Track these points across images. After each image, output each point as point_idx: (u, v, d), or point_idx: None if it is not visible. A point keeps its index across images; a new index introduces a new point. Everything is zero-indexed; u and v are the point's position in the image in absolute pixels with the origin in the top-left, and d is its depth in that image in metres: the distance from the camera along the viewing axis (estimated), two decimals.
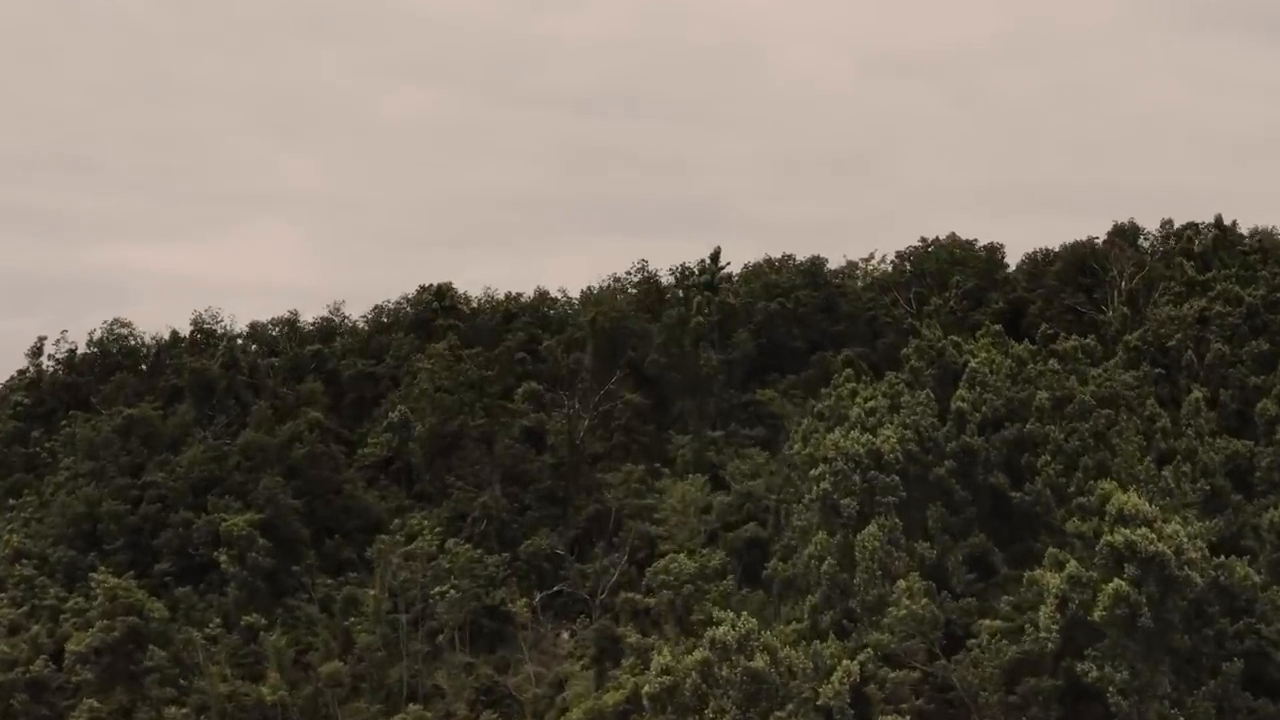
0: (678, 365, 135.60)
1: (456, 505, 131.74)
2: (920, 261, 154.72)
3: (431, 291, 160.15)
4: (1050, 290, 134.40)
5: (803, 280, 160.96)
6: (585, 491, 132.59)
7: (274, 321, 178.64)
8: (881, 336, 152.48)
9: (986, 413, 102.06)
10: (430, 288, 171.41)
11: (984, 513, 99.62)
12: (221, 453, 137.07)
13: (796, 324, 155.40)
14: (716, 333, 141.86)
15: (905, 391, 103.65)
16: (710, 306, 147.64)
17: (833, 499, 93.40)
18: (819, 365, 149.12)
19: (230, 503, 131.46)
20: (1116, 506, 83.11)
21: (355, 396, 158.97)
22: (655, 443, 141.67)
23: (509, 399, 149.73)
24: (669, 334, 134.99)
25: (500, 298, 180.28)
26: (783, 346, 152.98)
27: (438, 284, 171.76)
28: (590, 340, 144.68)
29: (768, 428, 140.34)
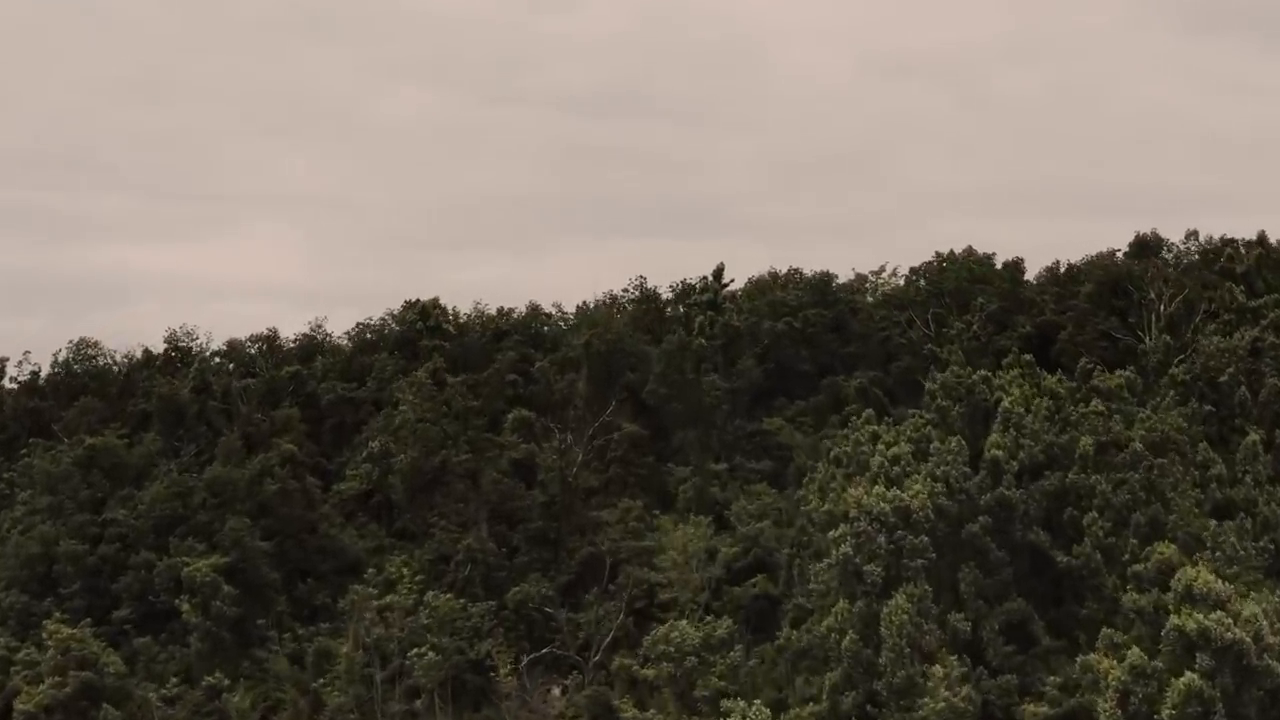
0: (679, 394, 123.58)
1: (439, 546, 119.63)
2: (936, 278, 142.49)
3: (416, 310, 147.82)
4: (1081, 314, 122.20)
5: (811, 297, 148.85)
6: (578, 532, 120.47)
7: (253, 339, 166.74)
8: (896, 359, 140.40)
9: (1024, 460, 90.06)
10: (415, 304, 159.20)
11: (1022, 573, 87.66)
12: (186, 488, 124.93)
13: (805, 345, 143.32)
14: (720, 356, 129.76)
15: (932, 435, 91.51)
16: (713, 328, 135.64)
17: (855, 564, 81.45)
18: (830, 390, 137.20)
19: (194, 544, 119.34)
20: (1184, 583, 71.20)
21: (335, 422, 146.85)
22: (654, 475, 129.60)
23: (498, 428, 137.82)
24: (669, 361, 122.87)
25: (492, 313, 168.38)
26: (790, 370, 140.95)
27: (424, 300, 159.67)
28: (585, 364, 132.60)
29: (775, 459, 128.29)
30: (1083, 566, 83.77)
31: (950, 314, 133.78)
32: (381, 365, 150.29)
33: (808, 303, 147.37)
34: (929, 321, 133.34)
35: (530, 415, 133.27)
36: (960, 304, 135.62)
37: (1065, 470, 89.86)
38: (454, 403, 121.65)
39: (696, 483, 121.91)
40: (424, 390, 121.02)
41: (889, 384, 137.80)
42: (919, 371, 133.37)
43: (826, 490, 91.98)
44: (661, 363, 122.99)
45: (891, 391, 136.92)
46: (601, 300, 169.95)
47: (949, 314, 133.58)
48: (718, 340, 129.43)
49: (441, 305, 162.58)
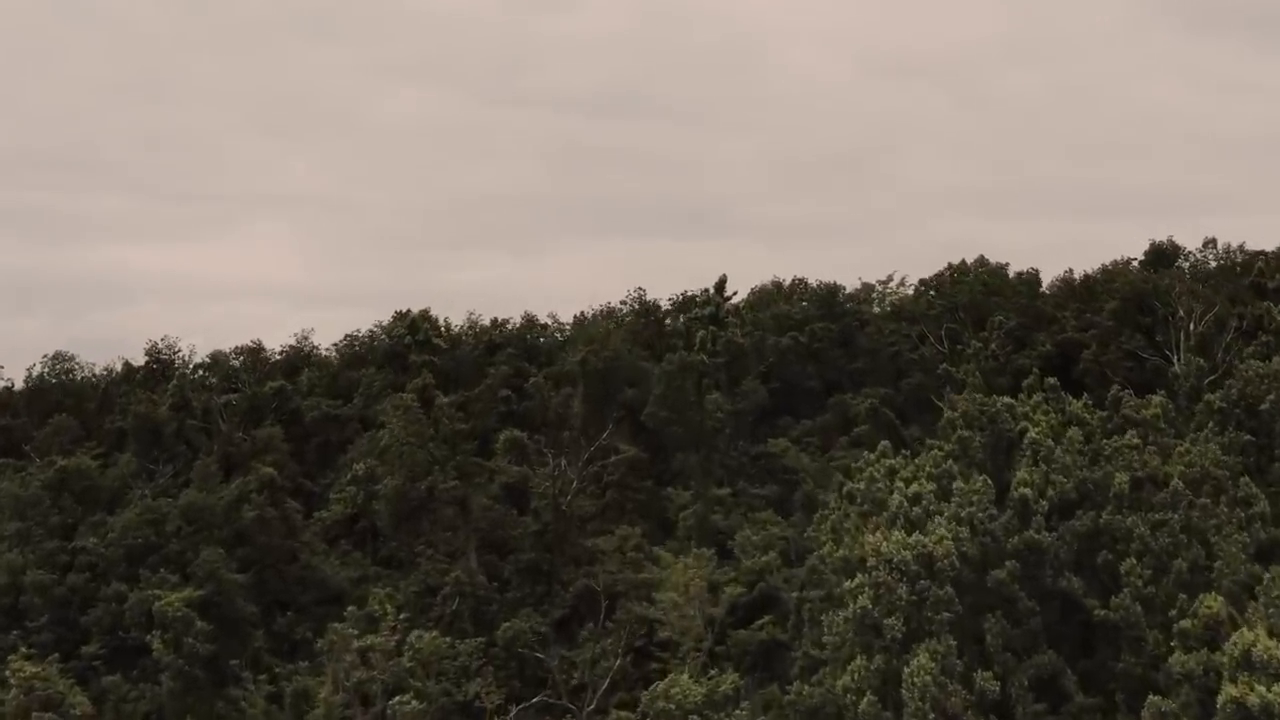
0: (679, 416, 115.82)
1: (425, 577, 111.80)
2: (950, 291, 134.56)
3: (405, 323, 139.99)
4: (1104, 332, 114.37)
5: (817, 309, 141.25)
6: (573, 563, 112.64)
7: (237, 351, 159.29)
8: (906, 376, 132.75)
9: (1053, 498, 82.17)
10: (405, 316, 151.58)
11: (1051, 621, 79.73)
12: (160, 515, 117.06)
13: (811, 360, 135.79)
14: (723, 375, 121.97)
15: (954, 470, 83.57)
16: (715, 344, 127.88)
17: (873, 617, 73.64)
18: (838, 410, 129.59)
19: (167, 576, 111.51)
20: (1241, 648, 63.34)
21: (320, 441, 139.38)
22: (653, 500, 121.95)
23: (489, 447, 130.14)
24: (669, 382, 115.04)
25: (485, 323, 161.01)
26: (796, 387, 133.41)
27: (414, 312, 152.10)
28: (581, 383, 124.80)
29: (780, 483, 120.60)
30: (1121, 620, 75.91)
31: (965, 329, 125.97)
32: (369, 381, 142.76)
33: (814, 315, 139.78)
34: (942, 338, 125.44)
35: (522, 436, 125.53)
36: (975, 319, 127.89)
37: (1098, 509, 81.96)
38: (442, 425, 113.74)
39: (698, 510, 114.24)
40: (410, 412, 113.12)
41: (899, 402, 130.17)
42: (931, 389, 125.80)
43: (841, 531, 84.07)
44: (661, 384, 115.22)
45: (902, 410, 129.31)
46: (598, 312, 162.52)
47: (963, 329, 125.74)
48: (720, 358, 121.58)
49: (432, 317, 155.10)
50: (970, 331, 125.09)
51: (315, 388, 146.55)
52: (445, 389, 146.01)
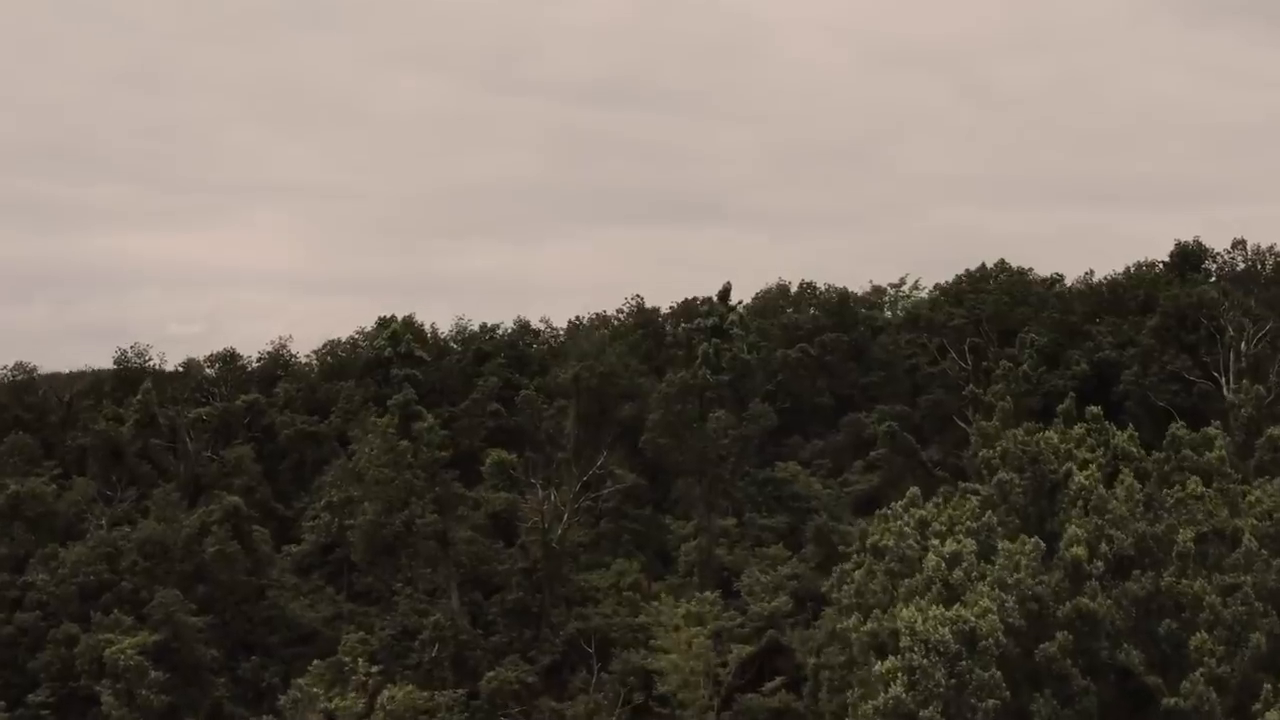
0: (680, 442, 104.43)
1: (403, 619, 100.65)
2: (969, 298, 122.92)
3: (387, 333, 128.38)
4: (1146, 351, 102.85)
5: (827, 318, 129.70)
6: (564, 603, 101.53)
7: (211, 359, 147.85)
8: (925, 391, 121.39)
9: (1107, 554, 70.88)
10: (388, 322, 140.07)
11: (1107, 700, 68.49)
12: (115, 549, 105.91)
13: (821, 374, 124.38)
14: (728, 393, 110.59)
15: (995, 525, 72.15)
16: (719, 358, 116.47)
17: (907, 707, 62.51)
18: (851, 430, 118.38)
19: (121, 617, 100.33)
20: None
21: (295, 459, 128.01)
22: (652, 530, 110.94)
23: (475, 468, 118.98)
24: (668, 407, 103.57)
25: (475, 328, 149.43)
26: (806, 404, 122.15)
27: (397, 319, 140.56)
28: (574, 402, 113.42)
29: (790, 512, 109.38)
30: (1194, 709, 64.64)
31: (989, 343, 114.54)
32: (348, 395, 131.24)
33: (824, 325, 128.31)
34: (965, 354, 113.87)
35: (511, 459, 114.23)
36: (1000, 330, 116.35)
37: (1158, 569, 70.67)
38: (421, 452, 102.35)
39: (701, 544, 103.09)
40: (385, 438, 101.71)
41: (917, 420, 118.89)
42: (953, 408, 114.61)
43: (866, 593, 72.62)
44: (660, 408, 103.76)
45: (920, 429, 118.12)
46: (594, 318, 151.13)
47: (988, 344, 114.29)
48: (725, 375, 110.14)
49: (416, 323, 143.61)
50: (995, 345, 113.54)
51: (292, 400, 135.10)
52: (430, 403, 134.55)
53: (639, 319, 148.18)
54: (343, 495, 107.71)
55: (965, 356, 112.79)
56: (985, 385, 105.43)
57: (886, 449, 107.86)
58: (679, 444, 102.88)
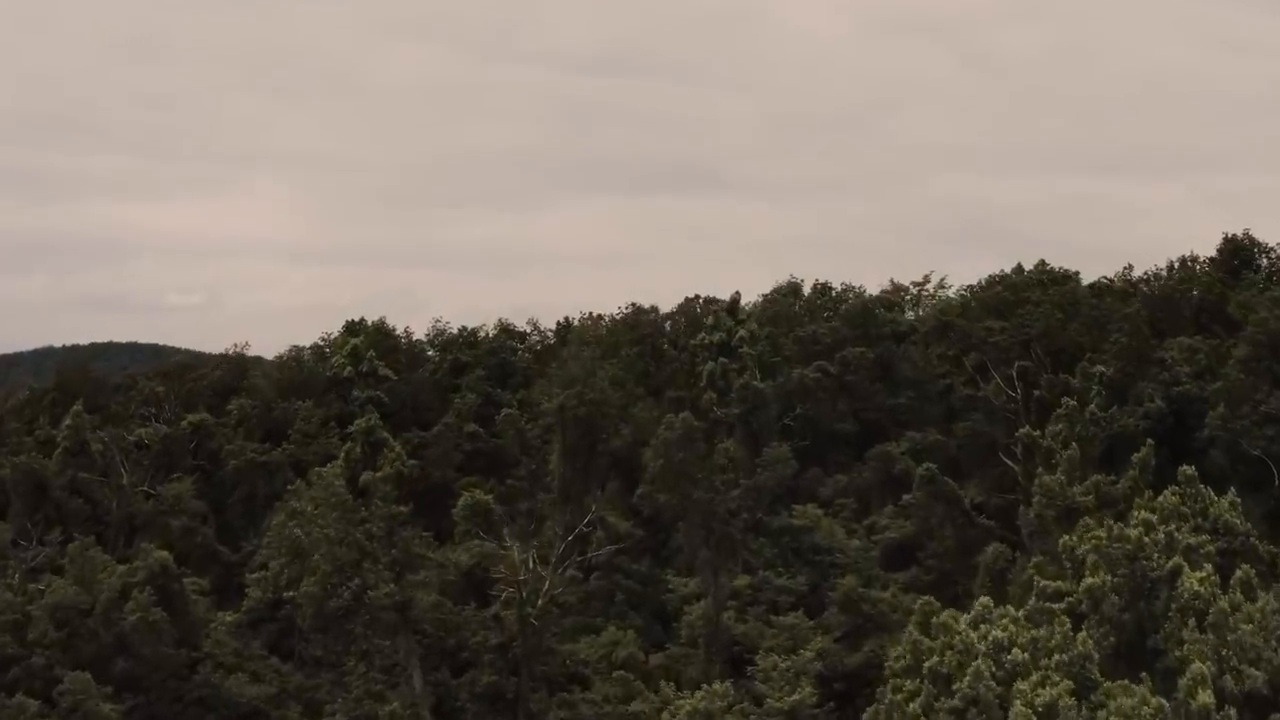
0: (684, 497, 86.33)
1: (356, 705, 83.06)
2: (1018, 315, 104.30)
3: (347, 351, 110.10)
4: (1233, 386, 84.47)
5: (849, 329, 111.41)
6: (546, 685, 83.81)
7: (158, 374, 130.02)
8: (962, 416, 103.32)
9: (1235, 692, 53.25)
10: (356, 328, 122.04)
11: None
12: (25, 615, 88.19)
13: (843, 394, 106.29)
14: (739, 426, 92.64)
15: (1094, 658, 54.54)
16: (727, 383, 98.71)
17: None
18: (879, 464, 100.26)
19: (27, 701, 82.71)
20: None
21: (246, 491, 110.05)
22: (650, 588, 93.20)
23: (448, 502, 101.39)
24: (669, 455, 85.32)
25: (454, 331, 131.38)
26: (826, 430, 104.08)
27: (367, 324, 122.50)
28: (559, 435, 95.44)
29: (811, 567, 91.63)
30: None
31: (1040, 368, 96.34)
32: (307, 416, 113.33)
33: (844, 336, 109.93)
34: (1014, 380, 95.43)
35: (487, 500, 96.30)
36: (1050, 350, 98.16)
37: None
38: (377, 508, 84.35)
39: (707, 609, 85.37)
40: (333, 492, 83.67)
41: (953, 451, 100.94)
42: (994, 438, 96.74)
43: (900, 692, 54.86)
44: (661, 456, 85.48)
45: (957, 462, 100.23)
46: (585, 320, 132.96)
47: (1040, 370, 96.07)
48: (734, 407, 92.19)
49: (388, 328, 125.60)
50: (1047, 369, 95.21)
51: (247, 419, 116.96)
52: (399, 423, 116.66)
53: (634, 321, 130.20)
54: (286, 553, 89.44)
55: (1013, 383, 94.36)
56: (1037, 418, 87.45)
57: (923, 493, 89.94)
58: (682, 499, 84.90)
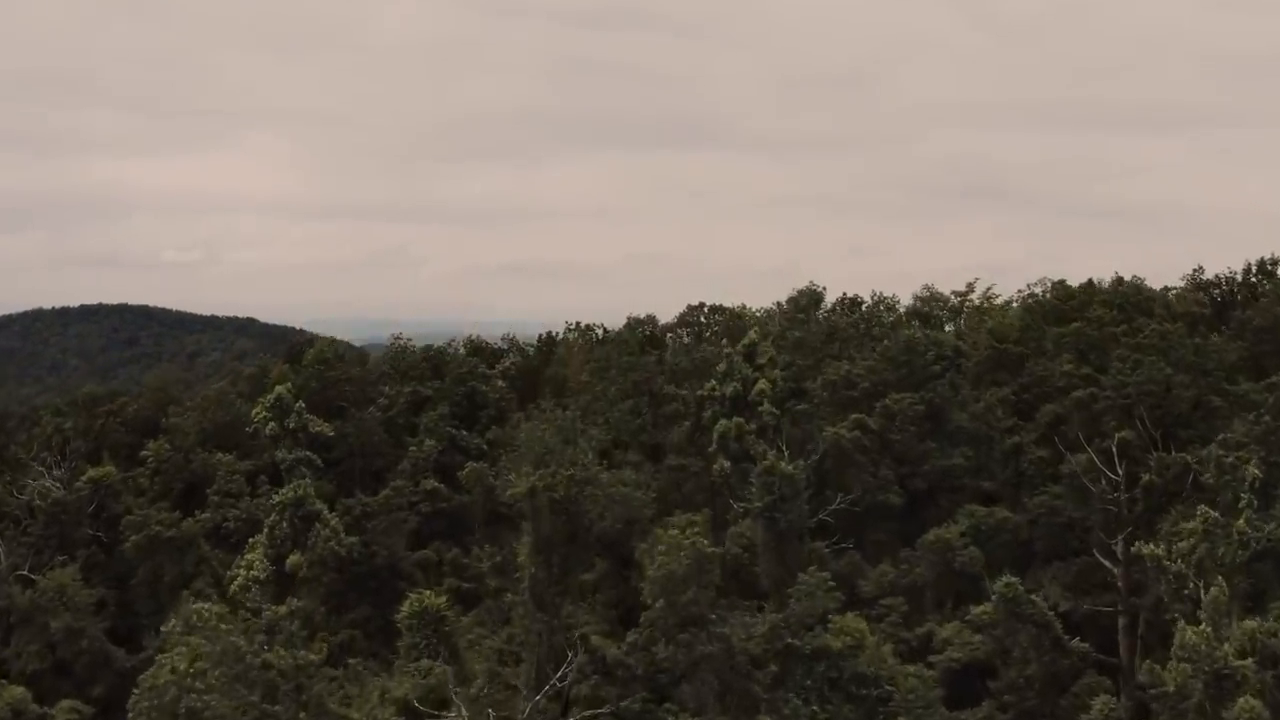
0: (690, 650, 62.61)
1: None
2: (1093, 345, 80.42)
3: (269, 405, 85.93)
4: None
5: (889, 368, 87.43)
6: None
7: (72, 404, 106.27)
8: (1036, 485, 79.78)
9: None
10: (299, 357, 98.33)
11: None
12: None
13: (885, 454, 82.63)
14: (762, 527, 68.96)
15: None
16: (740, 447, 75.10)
17: None
18: (936, 555, 76.50)
19: None
20: None
21: (150, 572, 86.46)
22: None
23: (396, 585, 78.49)
24: (670, 593, 61.56)
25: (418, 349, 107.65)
26: (864, 502, 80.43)
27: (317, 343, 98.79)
28: (530, 526, 71.72)
29: (854, 703, 68.19)
30: None
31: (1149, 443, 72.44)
32: (229, 471, 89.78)
33: (886, 379, 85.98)
34: (1114, 457, 71.39)
35: (440, 602, 72.71)
36: (1154, 409, 74.21)
37: None
38: (280, 659, 60.73)
39: None
40: (221, 642, 59.94)
41: (1027, 533, 77.47)
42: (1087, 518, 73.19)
43: None
44: (661, 592, 61.67)
45: (1030, 547, 76.96)
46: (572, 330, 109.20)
47: (1148, 444, 72.19)
48: (755, 498, 68.56)
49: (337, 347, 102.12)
50: (1157, 446, 71.34)
51: (164, 468, 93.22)
52: (344, 480, 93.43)
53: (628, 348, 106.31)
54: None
55: (1112, 459, 70.40)
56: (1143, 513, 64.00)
57: (1000, 610, 66.47)
58: (689, 652, 61.32)
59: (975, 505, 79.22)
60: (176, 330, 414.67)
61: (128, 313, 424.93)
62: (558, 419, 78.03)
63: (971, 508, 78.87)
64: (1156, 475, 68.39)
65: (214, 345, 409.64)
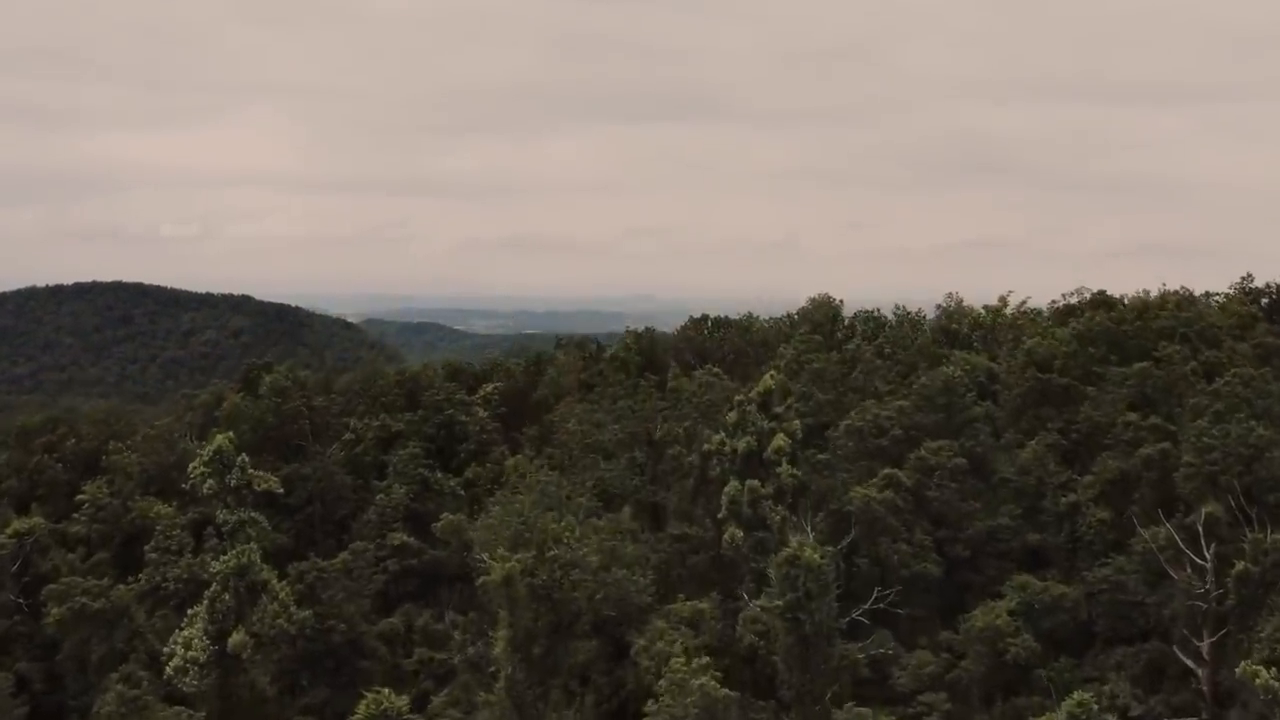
0: None
1: None
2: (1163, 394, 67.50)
3: (207, 459, 72.66)
4: None
5: (924, 409, 74.61)
6: None
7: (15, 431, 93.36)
8: (1091, 549, 67.26)
9: None
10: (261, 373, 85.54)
11: None
12: None
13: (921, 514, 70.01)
14: (787, 634, 56.31)
15: None
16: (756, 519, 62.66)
17: None
18: (983, 644, 63.91)
19: None
20: None
21: (76, 646, 73.82)
22: None
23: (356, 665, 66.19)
24: None
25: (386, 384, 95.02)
26: (895, 573, 67.94)
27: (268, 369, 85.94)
28: (505, 620, 59.40)
29: None
30: None
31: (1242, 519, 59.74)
32: (169, 526, 77.24)
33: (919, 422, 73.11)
34: (1203, 547, 58.67)
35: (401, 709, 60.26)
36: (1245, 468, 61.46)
37: None
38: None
39: None
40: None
41: (1083, 614, 65.07)
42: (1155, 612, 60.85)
43: None
44: None
45: (1090, 629, 64.58)
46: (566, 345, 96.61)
47: (1241, 520, 59.48)
48: (777, 593, 55.97)
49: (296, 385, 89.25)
50: (1252, 524, 58.73)
51: (100, 514, 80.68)
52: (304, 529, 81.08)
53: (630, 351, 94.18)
54: None
55: (1199, 540, 57.79)
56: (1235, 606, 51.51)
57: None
58: None
59: (1025, 576, 66.72)
60: (171, 308, 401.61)
61: (122, 290, 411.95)
62: (539, 483, 65.52)
63: (1021, 579, 66.38)
64: (1252, 562, 55.83)
65: (209, 323, 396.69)
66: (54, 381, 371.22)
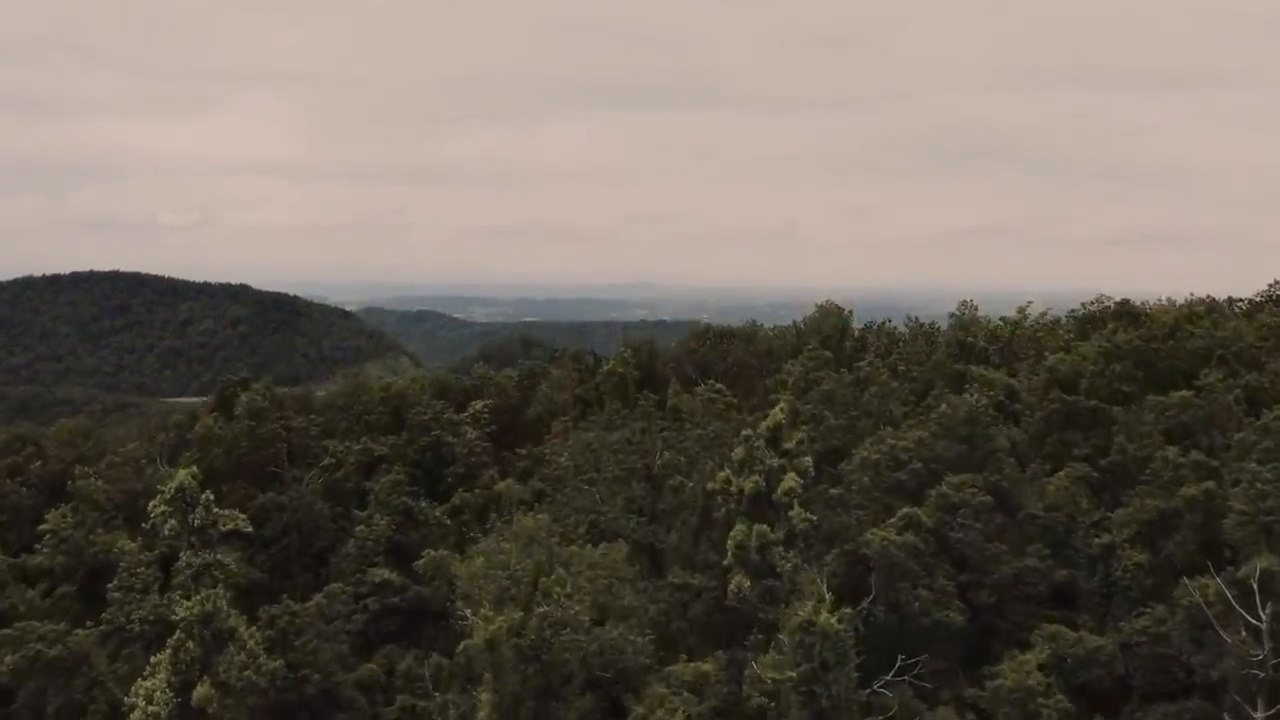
0: None
1: None
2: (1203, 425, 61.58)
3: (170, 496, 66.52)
4: None
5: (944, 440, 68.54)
6: None
7: None
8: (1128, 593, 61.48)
9: None
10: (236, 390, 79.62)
11: None
12: None
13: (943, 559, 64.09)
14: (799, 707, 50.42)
15: None
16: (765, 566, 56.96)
17: None
18: (1013, 700, 58.14)
19: None
20: None
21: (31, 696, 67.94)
22: None
23: None
24: None
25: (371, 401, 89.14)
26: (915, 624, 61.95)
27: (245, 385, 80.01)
28: (489, 686, 53.54)
29: None
30: None
31: None
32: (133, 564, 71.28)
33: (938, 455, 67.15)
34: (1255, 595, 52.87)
35: None
36: None
37: None
38: None
39: None
40: None
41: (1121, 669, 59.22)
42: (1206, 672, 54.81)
43: None
44: None
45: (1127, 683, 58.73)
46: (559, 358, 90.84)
47: None
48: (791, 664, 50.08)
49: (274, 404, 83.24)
50: None
51: (63, 546, 74.76)
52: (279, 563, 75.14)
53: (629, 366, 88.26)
54: None
55: (1253, 597, 51.89)
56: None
57: None
58: None
59: (1056, 625, 60.82)
60: (169, 297, 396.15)
61: (120, 280, 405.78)
62: (527, 530, 59.51)
63: (1052, 629, 60.43)
64: None
65: (206, 312, 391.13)
66: (51, 371, 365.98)
